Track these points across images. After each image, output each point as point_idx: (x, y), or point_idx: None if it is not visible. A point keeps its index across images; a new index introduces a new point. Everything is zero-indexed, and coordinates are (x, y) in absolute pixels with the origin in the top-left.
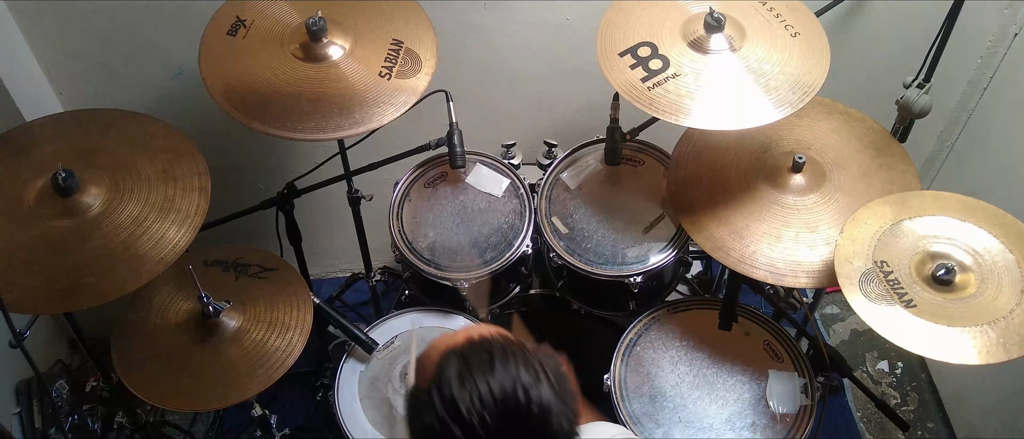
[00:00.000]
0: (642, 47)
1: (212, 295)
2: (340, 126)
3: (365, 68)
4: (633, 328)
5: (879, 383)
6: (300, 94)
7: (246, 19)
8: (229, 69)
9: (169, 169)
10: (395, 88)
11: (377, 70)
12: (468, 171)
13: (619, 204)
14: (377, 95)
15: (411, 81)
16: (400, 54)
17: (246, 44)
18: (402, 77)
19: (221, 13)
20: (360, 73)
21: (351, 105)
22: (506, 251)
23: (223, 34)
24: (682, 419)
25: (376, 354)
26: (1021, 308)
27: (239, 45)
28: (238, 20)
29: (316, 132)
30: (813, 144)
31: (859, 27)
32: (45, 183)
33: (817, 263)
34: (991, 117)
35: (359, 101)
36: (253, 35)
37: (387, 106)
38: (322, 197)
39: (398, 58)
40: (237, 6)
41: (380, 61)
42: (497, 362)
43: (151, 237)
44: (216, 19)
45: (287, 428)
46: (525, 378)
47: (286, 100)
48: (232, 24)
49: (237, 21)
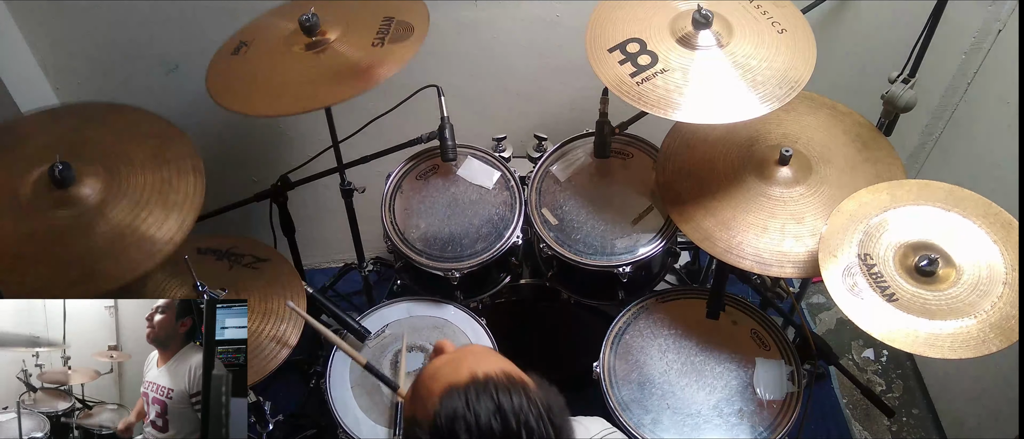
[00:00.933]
0: (631, 43)
1: (206, 283)
2: (335, 93)
3: (358, 44)
4: (622, 317)
5: (865, 370)
6: (299, 76)
7: (247, 40)
8: (234, 78)
9: (160, 153)
10: (388, 52)
11: (370, 41)
12: (459, 164)
13: (608, 196)
14: (371, 61)
15: (403, 45)
16: (392, 26)
17: (249, 57)
18: (395, 42)
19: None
20: (354, 47)
21: (345, 73)
22: (496, 242)
23: (228, 55)
24: (670, 406)
25: (368, 342)
26: (1003, 301)
27: (243, 60)
28: (240, 43)
29: (313, 102)
30: (800, 138)
31: (845, 23)
32: (39, 176)
33: (803, 253)
34: (975, 111)
35: (353, 69)
36: (255, 49)
37: (381, 67)
38: (315, 189)
39: (390, 30)
40: (239, 33)
41: (372, 35)
42: (502, 405)
43: (156, 219)
44: (222, 48)
45: (280, 414)
46: (529, 419)
47: (285, 83)
48: (235, 47)
49: (240, 44)
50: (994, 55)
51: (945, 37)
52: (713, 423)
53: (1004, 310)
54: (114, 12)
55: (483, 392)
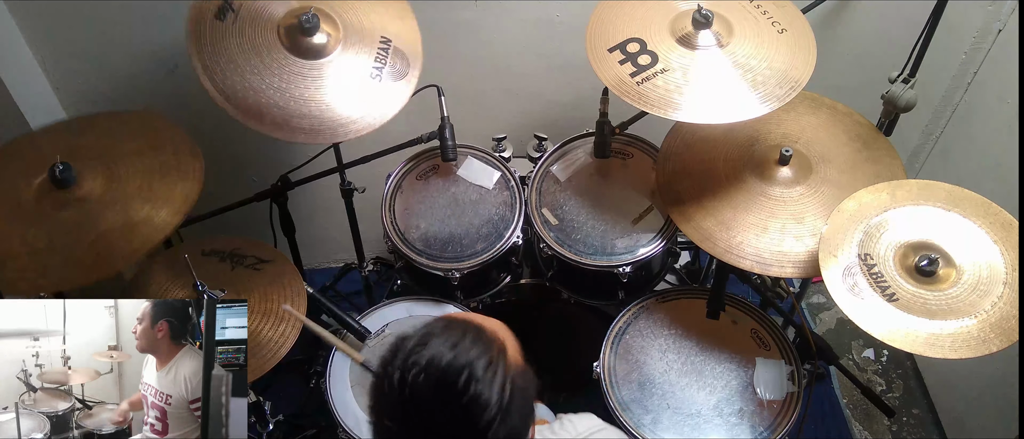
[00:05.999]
0: (631, 43)
1: (207, 283)
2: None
3: (355, 69)
4: (622, 317)
5: (865, 370)
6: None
7: (234, 3)
8: (222, 63)
9: (153, 142)
10: (386, 90)
11: (367, 71)
12: (459, 164)
13: (608, 196)
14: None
15: (400, 84)
16: (389, 53)
17: (236, 31)
18: (393, 79)
19: None
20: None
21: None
22: (497, 242)
23: (211, 18)
24: (670, 406)
25: (368, 342)
26: (1003, 301)
27: (228, 31)
28: (225, 3)
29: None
30: (800, 138)
31: (845, 23)
32: (41, 181)
33: (803, 253)
34: (976, 111)
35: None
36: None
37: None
38: (315, 189)
39: (387, 58)
40: None
41: (371, 61)
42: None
43: (162, 195)
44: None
45: (280, 414)
46: (477, 370)
47: (281, 106)
48: (219, 7)
49: (224, 4)
50: (994, 55)
51: (945, 37)
52: (713, 423)
53: (1004, 310)
54: (114, 12)
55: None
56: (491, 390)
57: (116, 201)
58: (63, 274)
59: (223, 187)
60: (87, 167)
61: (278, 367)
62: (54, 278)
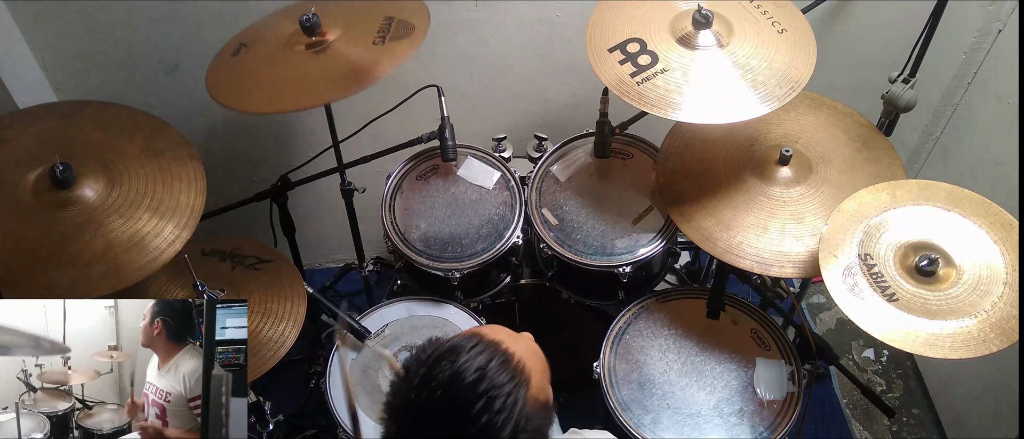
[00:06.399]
0: (631, 43)
1: (207, 283)
2: (336, 90)
3: (359, 42)
4: (622, 317)
5: (865, 370)
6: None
7: (247, 42)
8: (233, 78)
9: (150, 144)
10: (388, 50)
11: (370, 40)
12: (459, 164)
13: (608, 196)
14: (372, 59)
15: (404, 42)
16: (392, 25)
17: (249, 58)
18: (395, 40)
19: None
20: (355, 46)
21: (346, 71)
22: (497, 242)
23: (228, 56)
24: (670, 406)
25: (368, 342)
26: (1003, 301)
27: (243, 61)
28: (240, 45)
29: (314, 99)
30: (800, 138)
31: (845, 23)
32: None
33: (803, 253)
34: (976, 111)
35: (354, 66)
36: (255, 50)
37: (382, 64)
38: (315, 189)
39: (390, 29)
40: (239, 35)
41: (373, 34)
42: (490, 369)
43: (168, 206)
44: (222, 50)
45: (280, 414)
46: (495, 401)
47: (285, 81)
48: (235, 48)
49: (239, 46)
50: (994, 55)
51: (945, 37)
52: (713, 423)
53: (1004, 310)
54: (114, 12)
55: (492, 351)
56: (503, 424)
57: (118, 207)
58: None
59: (223, 187)
60: (86, 167)
61: (278, 367)
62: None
